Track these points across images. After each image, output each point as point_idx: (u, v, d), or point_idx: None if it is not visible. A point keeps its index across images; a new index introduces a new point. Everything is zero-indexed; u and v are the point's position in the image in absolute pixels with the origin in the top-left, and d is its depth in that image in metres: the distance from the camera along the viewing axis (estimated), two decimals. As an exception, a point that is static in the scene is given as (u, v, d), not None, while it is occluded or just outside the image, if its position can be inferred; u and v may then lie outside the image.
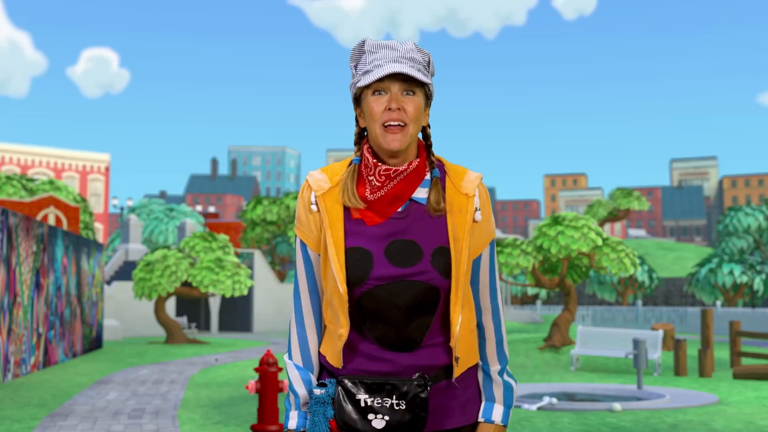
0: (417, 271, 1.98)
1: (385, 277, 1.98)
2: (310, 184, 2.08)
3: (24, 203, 25.66)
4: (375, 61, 2.01)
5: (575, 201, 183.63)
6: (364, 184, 2.05)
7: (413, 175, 2.04)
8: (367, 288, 1.98)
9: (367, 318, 2.00)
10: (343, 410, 1.97)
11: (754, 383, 14.43)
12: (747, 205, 52.98)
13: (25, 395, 12.17)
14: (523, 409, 10.81)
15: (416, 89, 2.01)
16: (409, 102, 2.00)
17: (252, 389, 7.28)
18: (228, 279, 25.09)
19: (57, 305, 17.93)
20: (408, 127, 1.99)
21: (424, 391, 1.95)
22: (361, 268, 1.98)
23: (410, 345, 2.00)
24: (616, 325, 43.55)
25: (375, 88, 2.01)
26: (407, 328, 1.99)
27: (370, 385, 1.96)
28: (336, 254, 2.00)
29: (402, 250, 2.00)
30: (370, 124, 2.02)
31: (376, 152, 2.05)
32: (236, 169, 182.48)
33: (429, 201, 2.04)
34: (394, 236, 2.01)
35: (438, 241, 2.02)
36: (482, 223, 2.09)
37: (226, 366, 17.72)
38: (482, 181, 2.14)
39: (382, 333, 1.99)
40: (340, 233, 2.02)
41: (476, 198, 2.07)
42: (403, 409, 1.95)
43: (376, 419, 1.96)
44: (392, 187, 2.02)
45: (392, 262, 1.99)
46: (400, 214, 2.03)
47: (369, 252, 2.00)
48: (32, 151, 74.74)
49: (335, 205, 2.05)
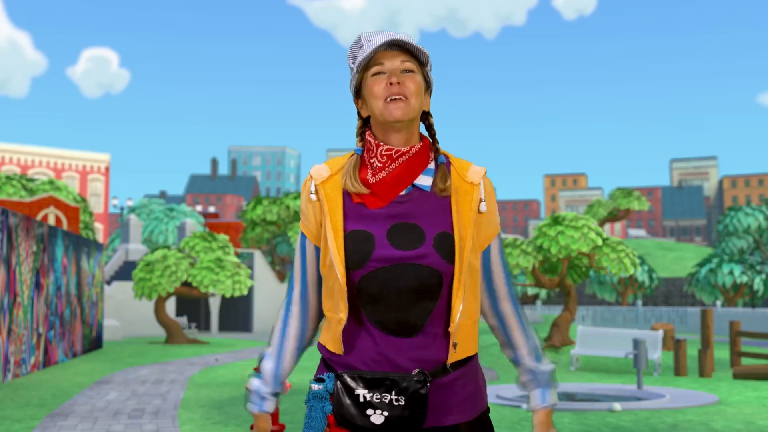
0: (419, 254, 1.98)
1: (386, 258, 1.97)
2: (312, 175, 2.11)
3: (24, 203, 25.66)
4: (371, 41, 2.06)
5: (575, 201, 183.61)
6: (367, 169, 2.07)
7: (416, 158, 2.05)
8: (368, 270, 1.98)
9: (368, 302, 1.99)
10: (341, 405, 1.96)
11: (754, 383, 14.43)
12: (747, 205, 52.98)
13: (25, 395, 12.17)
14: (523, 409, 10.81)
15: (414, 68, 2.05)
16: (409, 78, 2.03)
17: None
18: (228, 279, 25.08)
19: (57, 305, 17.93)
20: (410, 99, 2.02)
21: (423, 387, 1.94)
22: (362, 249, 1.98)
23: (411, 330, 1.99)
24: (616, 325, 43.54)
25: (374, 71, 2.04)
26: (409, 312, 1.98)
27: (369, 380, 1.96)
28: (334, 237, 2.00)
29: (404, 233, 2.00)
30: (371, 103, 2.04)
31: (378, 136, 2.07)
32: (236, 169, 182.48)
33: (435, 182, 2.05)
34: (396, 219, 2.01)
35: (441, 226, 2.02)
36: (488, 215, 2.10)
37: (226, 366, 17.72)
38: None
39: (383, 317, 1.99)
40: (339, 217, 2.02)
41: (481, 188, 2.08)
42: (402, 405, 1.94)
43: (375, 414, 1.95)
44: (394, 169, 2.03)
45: (394, 245, 1.98)
46: (402, 198, 2.04)
47: (370, 234, 2.00)
48: (32, 151, 74.74)
49: (335, 192, 2.06)
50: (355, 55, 2.09)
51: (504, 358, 20.04)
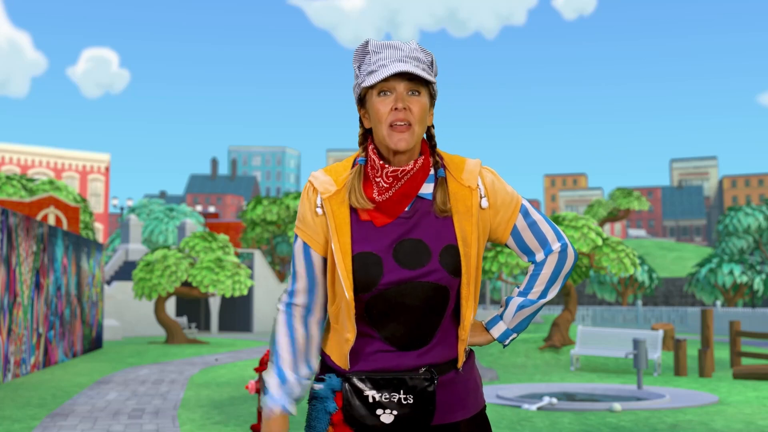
0: (426, 271, 1.98)
1: (394, 282, 1.98)
2: (315, 187, 2.06)
3: (24, 203, 25.66)
4: (379, 61, 2.01)
5: (575, 201, 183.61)
6: (371, 185, 2.04)
7: (419, 173, 2.04)
8: (377, 292, 1.98)
9: (377, 319, 2.00)
10: (351, 406, 1.97)
11: (754, 383, 14.43)
12: (747, 205, 52.98)
13: (25, 395, 12.17)
14: (523, 409, 10.81)
15: (421, 89, 2.01)
16: (415, 102, 2.00)
17: (252, 389, 7.28)
18: (228, 279, 25.08)
19: (57, 305, 17.93)
20: (413, 127, 1.99)
21: (431, 384, 1.96)
22: (371, 273, 1.98)
23: (420, 344, 2.01)
24: (616, 325, 43.54)
25: (380, 89, 2.00)
26: (417, 327, 2.00)
27: (377, 380, 1.97)
28: (343, 260, 1.99)
29: (411, 251, 2.00)
30: (376, 126, 2.01)
31: (382, 153, 2.04)
32: (236, 169, 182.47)
33: (435, 202, 2.04)
34: (402, 236, 2.01)
35: (446, 240, 2.02)
36: (496, 200, 2.09)
37: (226, 366, 17.72)
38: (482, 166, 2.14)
39: (392, 333, 2.00)
40: (347, 238, 2.01)
41: (480, 188, 2.07)
42: (411, 403, 1.95)
43: (385, 414, 1.96)
44: (400, 187, 2.03)
45: (402, 265, 1.99)
46: (407, 213, 2.03)
47: (378, 257, 1.99)
48: (32, 151, 74.74)
49: (341, 208, 2.04)
50: (360, 61, 2.06)
51: (504, 358, 20.05)
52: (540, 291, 2.12)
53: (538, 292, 2.12)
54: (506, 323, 2.13)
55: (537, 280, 2.13)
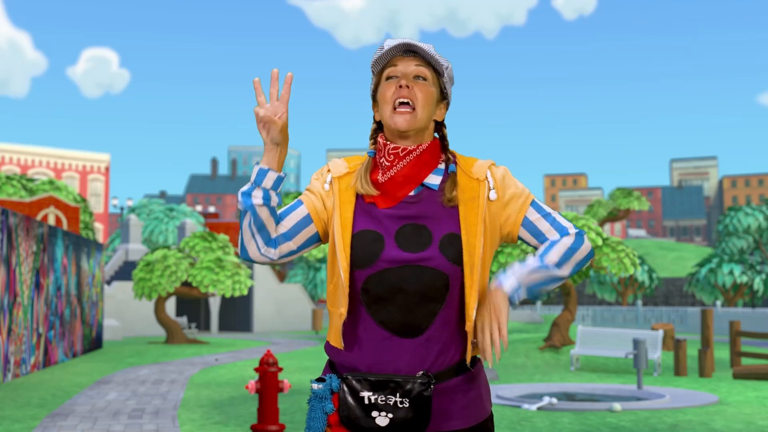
0: (426, 256, 1.98)
1: (393, 260, 1.98)
2: (330, 168, 2.13)
3: (24, 203, 25.66)
4: (389, 47, 2.08)
5: (575, 201, 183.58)
6: (378, 170, 2.09)
7: (424, 156, 2.06)
8: (375, 271, 1.99)
9: (374, 302, 2.00)
10: (347, 407, 1.97)
11: (754, 383, 14.43)
12: (747, 205, 52.97)
13: (25, 395, 12.17)
14: (523, 409, 10.81)
15: (428, 75, 2.06)
16: (420, 86, 2.05)
17: (252, 389, 7.28)
18: (228, 279, 25.08)
19: (57, 305, 17.93)
20: (417, 110, 2.03)
21: (427, 389, 1.95)
22: (371, 249, 1.99)
23: (415, 331, 1.99)
24: (616, 325, 43.53)
25: (388, 74, 2.07)
26: (413, 313, 1.99)
27: (374, 382, 1.96)
28: (341, 234, 2.01)
29: (412, 235, 2.01)
30: (382, 108, 2.07)
31: (388, 138, 2.09)
32: (236, 169, 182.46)
33: (443, 191, 2.06)
34: (405, 220, 2.02)
35: (449, 228, 2.02)
36: (505, 193, 2.09)
37: (226, 366, 17.72)
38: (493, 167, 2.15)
39: (387, 317, 1.99)
40: (349, 214, 2.04)
41: (489, 180, 2.08)
42: (407, 407, 1.95)
43: (380, 417, 1.96)
44: (402, 168, 2.04)
45: (401, 247, 1.99)
46: (411, 198, 2.04)
47: (379, 234, 2.01)
48: (32, 151, 74.73)
49: (348, 190, 2.08)
50: (375, 60, 2.12)
51: (504, 358, 20.05)
52: (555, 260, 2.05)
53: (554, 261, 2.04)
54: (518, 278, 2.03)
55: (554, 247, 2.06)
